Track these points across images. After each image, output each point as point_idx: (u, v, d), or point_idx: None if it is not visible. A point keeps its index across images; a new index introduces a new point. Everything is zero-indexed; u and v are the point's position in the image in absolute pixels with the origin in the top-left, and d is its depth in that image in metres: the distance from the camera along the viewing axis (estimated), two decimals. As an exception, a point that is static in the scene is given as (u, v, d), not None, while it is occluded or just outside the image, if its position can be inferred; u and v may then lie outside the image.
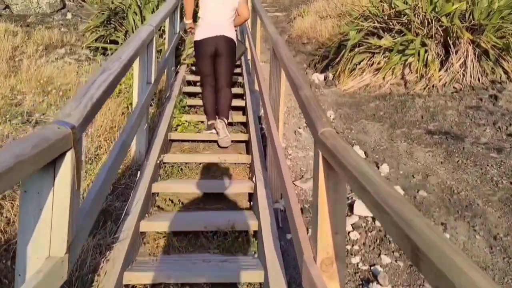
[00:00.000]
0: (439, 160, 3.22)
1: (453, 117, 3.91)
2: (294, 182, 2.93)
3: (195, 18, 3.94)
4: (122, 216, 2.15)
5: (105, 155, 2.70)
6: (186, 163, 3.13)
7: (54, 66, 4.64)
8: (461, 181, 2.89)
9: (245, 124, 3.98)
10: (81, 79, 4.16)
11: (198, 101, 4.37)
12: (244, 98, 4.51)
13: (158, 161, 2.86)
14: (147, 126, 2.89)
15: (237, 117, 4.06)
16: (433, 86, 4.72)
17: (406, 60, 5.00)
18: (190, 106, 4.29)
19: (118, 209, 2.21)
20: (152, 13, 5.10)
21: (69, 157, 1.24)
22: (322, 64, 6.17)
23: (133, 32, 4.82)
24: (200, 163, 3.12)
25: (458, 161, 3.16)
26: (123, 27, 5.03)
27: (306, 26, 8.86)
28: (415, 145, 3.50)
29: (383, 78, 5.11)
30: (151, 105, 3.74)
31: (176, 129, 3.70)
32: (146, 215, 2.43)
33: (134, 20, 4.98)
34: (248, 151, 3.45)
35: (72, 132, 1.24)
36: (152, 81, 2.96)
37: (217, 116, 3.60)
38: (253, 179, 2.74)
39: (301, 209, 2.63)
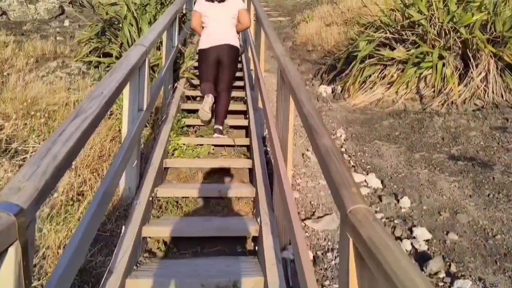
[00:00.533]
0: (467, 192, 2.87)
1: (477, 140, 3.56)
2: (304, 221, 2.60)
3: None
4: (105, 275, 1.83)
5: (91, 192, 2.38)
6: (183, 196, 2.80)
7: (44, 81, 4.33)
8: (495, 221, 2.54)
9: (248, 147, 3.65)
10: (72, 97, 3.84)
11: (197, 121, 4.05)
12: (247, 116, 4.18)
13: (151, 198, 2.53)
14: (137, 162, 2.56)
15: (240, 139, 3.72)
16: (452, 102, 4.37)
17: (421, 73, 4.66)
18: (189, 126, 3.97)
19: (99, 265, 1.88)
20: (149, 24, 4.79)
21: (11, 254, 0.91)
22: (329, 76, 5.83)
23: (128, 44, 4.51)
24: (198, 197, 2.79)
25: (488, 194, 2.81)
26: (119, 39, 4.71)
27: (311, 33, 8.53)
28: (437, 173, 3.15)
29: (396, 92, 4.77)
30: (146, 125, 3.43)
31: (173, 154, 3.37)
32: (135, 267, 2.10)
33: (130, 32, 4.66)
34: (252, 179, 3.13)
35: (17, 221, 0.92)
36: (145, 108, 2.64)
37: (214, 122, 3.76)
38: (258, 219, 2.41)
39: (313, 257, 2.29)
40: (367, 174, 3.21)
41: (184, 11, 5.40)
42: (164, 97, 3.98)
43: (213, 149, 3.53)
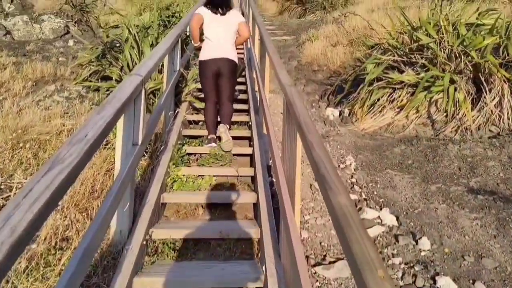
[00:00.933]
0: (491, 232, 2.63)
1: (496, 171, 3.33)
2: (314, 267, 2.36)
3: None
4: None
5: (77, 237, 2.16)
6: (181, 238, 2.57)
7: (40, 106, 4.18)
8: (525, 267, 2.30)
9: (253, 177, 3.44)
10: (67, 123, 3.67)
11: (199, 148, 3.86)
12: (251, 143, 3.98)
13: (145, 241, 2.31)
14: (130, 203, 2.35)
15: (244, 169, 3.51)
16: (465, 128, 4.16)
17: (432, 97, 4.46)
18: (190, 154, 3.77)
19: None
20: (151, 46, 4.66)
21: None
22: (336, 98, 5.64)
23: (129, 68, 4.36)
24: (198, 239, 2.56)
25: (515, 235, 2.57)
26: (119, 62, 4.57)
27: (316, 53, 8.40)
28: (457, 209, 2.91)
29: (407, 117, 4.57)
30: (144, 155, 3.23)
31: (172, 186, 3.16)
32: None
33: (131, 55, 4.53)
34: (257, 215, 2.90)
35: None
36: (140, 142, 2.44)
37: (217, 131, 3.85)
38: (263, 267, 2.18)
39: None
40: (381, 209, 2.98)
41: (187, 33, 5.27)
42: (165, 124, 3.80)
43: (215, 180, 3.32)
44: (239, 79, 6.31)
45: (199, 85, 5.35)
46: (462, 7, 4.99)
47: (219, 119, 3.95)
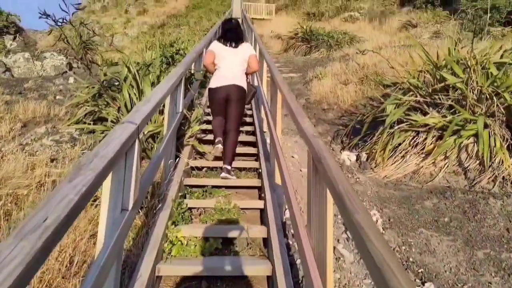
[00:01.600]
0: None
1: (554, 233, 2.82)
2: None
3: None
4: None
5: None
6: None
7: (27, 151, 3.75)
8: None
9: (265, 240, 2.93)
10: (53, 171, 3.22)
11: (202, 202, 3.38)
12: (262, 195, 3.51)
13: None
14: (115, 283, 1.84)
15: (254, 228, 2.99)
16: (503, 178, 3.68)
17: (461, 142, 4.02)
18: (192, 208, 3.29)
19: None
20: (152, 85, 4.30)
21: None
22: (352, 140, 5.21)
23: (127, 108, 3.97)
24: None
25: None
26: (117, 102, 4.20)
27: (325, 91, 8.08)
28: (516, 285, 2.39)
29: (434, 163, 4.11)
30: (138, 211, 2.76)
31: (170, 251, 2.65)
32: None
33: (129, 94, 4.15)
34: (271, 290, 2.38)
35: None
36: (130, 207, 1.98)
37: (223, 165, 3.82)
38: None
39: None
40: (423, 284, 2.45)
41: (192, 71, 4.94)
42: (164, 173, 3.35)
43: (221, 243, 2.81)
44: (247, 119, 5.96)
45: (203, 126, 4.99)
46: (490, 44, 4.64)
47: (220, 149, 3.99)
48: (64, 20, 3.65)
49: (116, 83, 4.50)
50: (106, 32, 33.42)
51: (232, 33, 4.09)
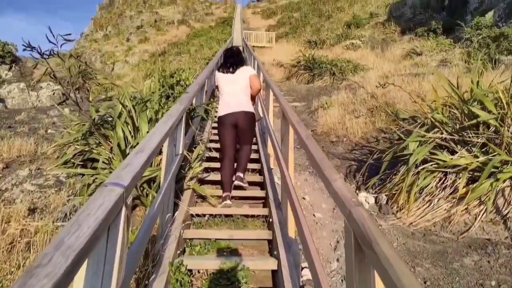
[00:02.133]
0: None
1: None
2: None
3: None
4: None
5: None
6: None
7: (4, 199, 3.28)
8: None
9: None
10: (32, 224, 2.75)
11: (204, 261, 2.88)
12: (273, 250, 3.02)
13: None
14: None
15: None
16: (552, 229, 3.20)
17: (498, 186, 3.56)
18: (192, 271, 2.79)
19: None
20: (149, 122, 3.88)
21: None
22: (368, 180, 4.73)
23: (120, 150, 3.53)
24: None
25: None
26: (109, 141, 3.76)
27: (333, 121, 7.68)
28: None
29: (467, 209, 3.63)
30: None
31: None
32: None
33: (124, 132, 3.73)
34: None
35: None
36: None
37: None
38: None
39: None
40: None
41: (193, 105, 4.54)
42: (161, 227, 2.87)
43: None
44: (252, 155, 5.51)
45: (205, 164, 4.55)
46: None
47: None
48: (52, 53, 3.26)
49: (110, 119, 4.09)
50: (107, 60, 33.65)
51: (232, 59, 4.14)
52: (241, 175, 3.97)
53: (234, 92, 3.99)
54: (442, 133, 3.98)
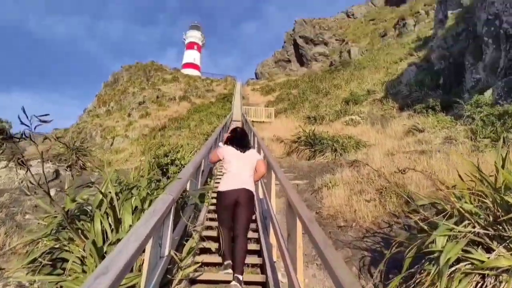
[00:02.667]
0: None
1: None
2: None
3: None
4: None
5: None
6: None
7: None
8: None
9: None
10: None
11: None
12: None
13: None
14: None
15: None
16: None
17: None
18: None
19: None
20: (134, 212, 3.34)
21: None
22: (389, 282, 4.04)
23: (96, 248, 2.94)
24: None
25: None
26: (85, 236, 3.18)
27: (339, 203, 7.12)
28: None
29: (517, 324, 2.93)
30: None
31: None
32: None
33: (102, 225, 3.17)
34: None
35: None
36: None
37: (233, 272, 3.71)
38: None
39: None
40: None
41: (186, 192, 4.04)
42: None
43: None
44: (252, 245, 4.88)
45: (199, 258, 3.93)
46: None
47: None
48: (23, 136, 2.85)
49: (90, 208, 3.55)
50: (107, 135, 33.98)
51: (240, 141, 4.37)
52: (240, 277, 3.59)
53: (241, 171, 4.11)
54: (474, 226, 3.42)
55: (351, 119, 17.68)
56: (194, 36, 65.87)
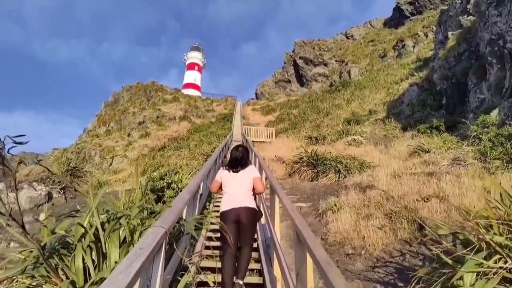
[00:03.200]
0: None
1: None
2: None
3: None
4: None
5: None
6: None
7: None
8: None
9: None
10: None
11: None
12: None
13: None
14: None
15: None
16: None
17: None
18: None
19: None
20: (121, 244, 2.95)
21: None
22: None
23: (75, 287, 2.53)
24: None
25: None
26: (64, 275, 2.78)
27: (346, 228, 6.69)
28: None
29: None
30: None
31: None
32: None
33: (85, 262, 2.78)
34: None
35: None
36: None
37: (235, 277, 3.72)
38: None
39: None
40: None
41: (182, 221, 3.64)
42: None
43: None
44: (254, 279, 4.45)
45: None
46: None
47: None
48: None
49: (67, 245, 3.15)
50: (107, 155, 33.61)
51: (234, 162, 4.41)
52: (240, 282, 3.69)
53: (238, 190, 4.16)
54: (506, 262, 3.02)
55: (354, 139, 17.36)
56: (194, 57, 66.44)
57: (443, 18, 24.46)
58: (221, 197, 4.43)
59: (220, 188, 4.37)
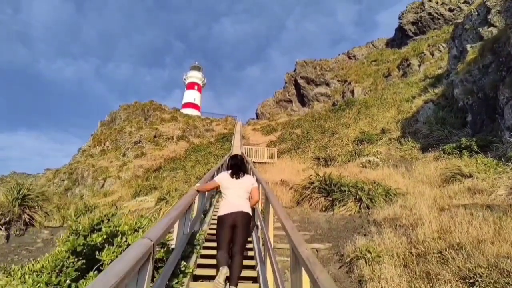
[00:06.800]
0: None
1: None
2: None
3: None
4: None
5: None
6: None
7: None
8: None
9: None
10: None
11: None
12: None
13: None
14: None
15: None
16: None
17: None
18: None
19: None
20: None
21: None
22: None
23: None
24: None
25: None
26: None
27: (393, 292, 4.55)
28: None
29: None
30: None
31: None
32: None
33: None
34: None
35: None
36: None
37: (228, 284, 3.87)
38: None
39: None
40: None
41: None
42: None
43: None
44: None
45: None
46: None
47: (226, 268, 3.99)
48: None
49: None
50: (99, 176, 31.43)
51: (237, 167, 4.59)
52: None
53: (237, 196, 4.35)
54: None
55: (368, 161, 15.29)
56: (194, 76, 65.07)
57: (457, 32, 22.82)
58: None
59: (214, 188, 4.71)
